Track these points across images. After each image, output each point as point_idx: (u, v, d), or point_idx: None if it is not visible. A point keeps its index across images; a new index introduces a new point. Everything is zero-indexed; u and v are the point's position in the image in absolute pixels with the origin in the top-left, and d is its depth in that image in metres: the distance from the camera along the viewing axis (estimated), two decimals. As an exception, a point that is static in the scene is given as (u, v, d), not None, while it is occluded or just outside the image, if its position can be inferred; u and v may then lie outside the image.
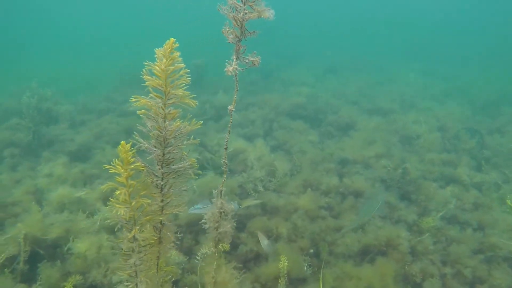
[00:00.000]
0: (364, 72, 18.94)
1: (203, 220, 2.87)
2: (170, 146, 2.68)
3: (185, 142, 2.72)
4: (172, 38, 2.39)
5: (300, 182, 7.64)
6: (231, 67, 2.26)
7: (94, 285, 5.17)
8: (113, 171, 2.54)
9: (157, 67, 2.42)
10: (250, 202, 5.98)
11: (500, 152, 9.98)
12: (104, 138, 9.96)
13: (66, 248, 5.63)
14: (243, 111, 11.80)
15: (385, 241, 6.04)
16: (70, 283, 4.93)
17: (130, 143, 2.54)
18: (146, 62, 2.47)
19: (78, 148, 9.52)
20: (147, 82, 2.53)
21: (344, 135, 10.75)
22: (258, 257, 5.66)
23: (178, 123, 2.64)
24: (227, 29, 2.24)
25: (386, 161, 8.43)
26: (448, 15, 46.83)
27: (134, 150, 2.56)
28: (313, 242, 6.02)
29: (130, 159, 2.51)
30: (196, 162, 2.87)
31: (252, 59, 2.27)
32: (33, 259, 5.37)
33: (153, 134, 2.65)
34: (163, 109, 2.55)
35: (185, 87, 2.59)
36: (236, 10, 2.16)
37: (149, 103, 2.54)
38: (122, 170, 2.49)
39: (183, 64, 2.46)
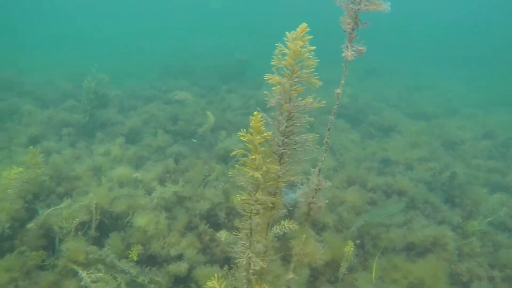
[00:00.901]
0: (403, 75, 18.71)
1: (296, 195, 3.10)
2: (294, 119, 2.90)
3: (303, 119, 2.94)
4: (304, 23, 2.61)
5: (344, 178, 7.77)
6: (349, 53, 2.46)
7: (154, 256, 5.54)
8: (246, 138, 2.80)
9: (289, 48, 2.64)
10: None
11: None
12: (152, 123, 10.43)
13: (126, 221, 6.06)
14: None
15: (431, 240, 6.08)
16: (134, 251, 5.35)
17: (261, 115, 2.79)
18: (278, 44, 2.71)
19: (128, 131, 10.05)
20: (273, 62, 2.76)
21: (385, 136, 10.75)
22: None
23: (310, 99, 2.86)
24: (346, 19, 2.45)
25: (432, 164, 8.38)
26: (490, 21, 44.98)
27: (263, 121, 2.81)
28: (359, 233, 6.15)
29: (261, 128, 2.75)
30: (316, 136, 3.10)
31: (360, 48, 2.47)
32: (99, 227, 5.84)
33: (284, 108, 2.88)
34: (290, 86, 2.77)
35: (313, 69, 2.80)
36: (353, 2, 2.37)
37: (281, 81, 2.76)
38: (258, 137, 2.73)
39: (313, 47, 2.67)
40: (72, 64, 17.76)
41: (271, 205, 3.03)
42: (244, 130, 2.84)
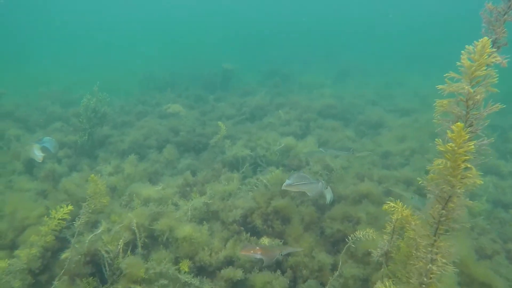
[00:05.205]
0: (372, 75, 19.95)
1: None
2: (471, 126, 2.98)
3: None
4: (486, 38, 2.79)
5: (353, 174, 8.27)
6: (504, 61, 2.79)
7: (203, 266, 5.59)
8: (444, 148, 2.96)
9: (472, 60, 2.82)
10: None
11: None
12: (153, 136, 10.32)
13: (165, 237, 6.00)
14: (276, 111, 12.43)
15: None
16: (185, 263, 5.40)
17: (462, 125, 2.80)
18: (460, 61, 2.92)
19: (129, 147, 9.86)
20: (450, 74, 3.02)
21: (375, 133, 11.52)
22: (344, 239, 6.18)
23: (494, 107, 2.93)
24: (497, 30, 2.87)
25: (428, 155, 9.19)
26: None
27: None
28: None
29: (466, 136, 2.79)
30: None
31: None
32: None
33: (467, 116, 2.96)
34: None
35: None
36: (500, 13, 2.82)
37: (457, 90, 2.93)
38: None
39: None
40: (46, 82, 16.90)
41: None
42: (440, 139, 3.00)
